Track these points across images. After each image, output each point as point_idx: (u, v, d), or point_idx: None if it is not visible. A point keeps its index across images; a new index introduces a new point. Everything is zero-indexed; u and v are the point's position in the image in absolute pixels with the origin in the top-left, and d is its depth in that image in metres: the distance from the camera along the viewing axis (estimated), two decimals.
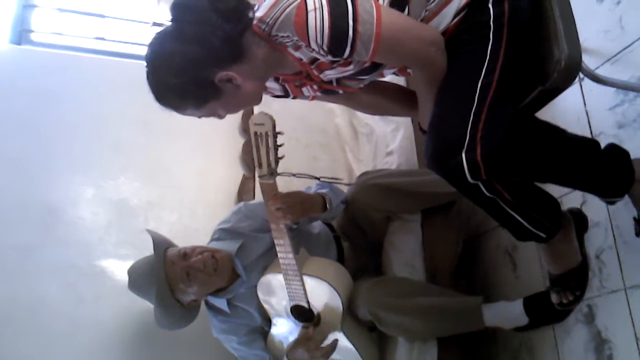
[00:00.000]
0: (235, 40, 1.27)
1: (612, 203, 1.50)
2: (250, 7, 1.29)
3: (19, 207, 2.27)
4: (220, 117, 1.40)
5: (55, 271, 2.23)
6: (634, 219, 1.49)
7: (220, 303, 1.97)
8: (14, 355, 2.08)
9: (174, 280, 1.83)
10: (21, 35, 2.63)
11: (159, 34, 1.31)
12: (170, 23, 1.29)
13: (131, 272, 1.92)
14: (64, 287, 2.22)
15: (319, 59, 1.33)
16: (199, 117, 1.38)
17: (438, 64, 1.30)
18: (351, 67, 1.36)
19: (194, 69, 1.26)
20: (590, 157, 1.37)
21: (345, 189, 2.18)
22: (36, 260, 2.22)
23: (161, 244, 1.90)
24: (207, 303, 2.01)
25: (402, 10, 1.30)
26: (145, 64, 1.31)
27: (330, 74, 1.41)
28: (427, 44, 1.27)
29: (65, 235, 2.30)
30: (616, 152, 1.43)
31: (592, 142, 1.40)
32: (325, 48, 1.22)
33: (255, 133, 1.44)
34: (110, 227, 2.38)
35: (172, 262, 1.84)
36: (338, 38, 1.20)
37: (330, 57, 1.27)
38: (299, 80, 1.48)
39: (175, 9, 1.28)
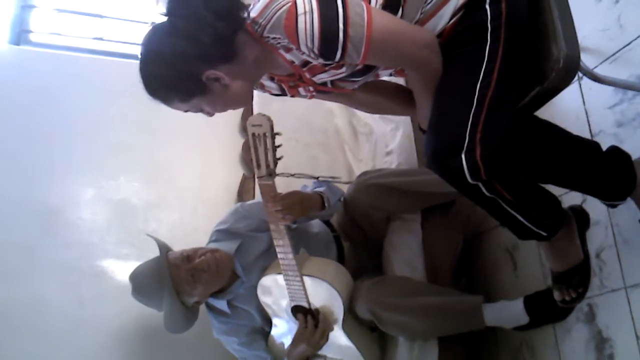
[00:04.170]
0: (227, 40, 1.27)
1: (613, 206, 1.50)
2: (244, 7, 1.29)
3: (20, 208, 2.28)
4: (209, 114, 1.40)
5: (56, 272, 2.24)
6: None
7: (221, 304, 1.97)
8: (16, 356, 2.09)
9: (180, 283, 1.83)
10: (20, 35, 2.63)
11: (154, 26, 1.31)
12: (164, 17, 1.29)
13: (134, 279, 1.90)
14: (65, 288, 2.22)
15: (311, 62, 1.32)
16: (185, 111, 1.38)
17: (432, 65, 1.29)
18: (344, 69, 1.35)
19: (182, 62, 1.26)
20: (591, 158, 1.37)
21: (344, 187, 2.18)
22: (37, 261, 2.22)
23: (163, 248, 1.90)
24: (207, 304, 2.01)
25: (395, 13, 1.29)
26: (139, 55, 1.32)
27: (323, 77, 1.40)
28: (419, 47, 1.27)
29: (65, 235, 2.30)
30: (617, 155, 1.42)
31: (592, 144, 1.40)
32: (315, 51, 1.21)
33: (253, 134, 1.44)
34: (111, 227, 2.38)
35: (176, 265, 1.84)
36: (328, 41, 1.19)
37: (321, 60, 1.26)
38: (292, 82, 1.48)
39: (170, 2, 1.28)
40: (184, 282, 1.83)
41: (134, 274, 1.91)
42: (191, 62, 1.26)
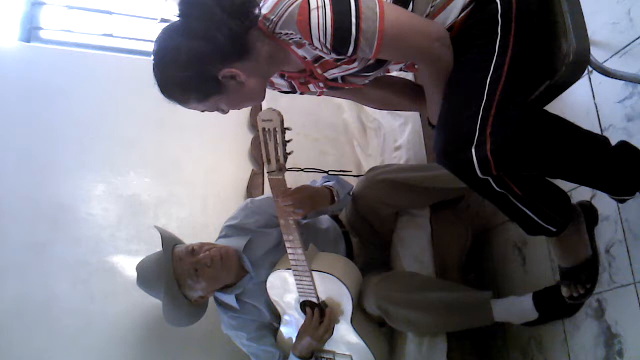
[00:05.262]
0: (240, 37, 1.28)
1: (622, 201, 1.50)
2: (256, 4, 1.29)
3: (31, 204, 2.29)
4: (224, 112, 1.42)
5: (67, 267, 2.25)
6: None
7: (229, 299, 1.98)
8: (27, 351, 2.10)
9: (182, 276, 1.85)
10: (30, 32, 2.64)
11: (166, 28, 1.32)
12: (177, 18, 1.30)
13: (139, 268, 1.94)
14: (76, 284, 2.24)
15: (323, 58, 1.33)
16: (202, 110, 1.40)
17: (443, 59, 1.29)
18: (355, 64, 1.36)
19: (198, 64, 1.27)
20: (600, 153, 1.37)
21: (353, 181, 2.18)
22: (48, 257, 2.24)
23: (169, 241, 1.91)
24: (216, 299, 2.02)
25: (406, 7, 1.30)
26: (152, 57, 1.32)
27: (334, 73, 1.41)
28: (431, 40, 1.27)
29: (76, 231, 2.32)
30: (626, 149, 1.42)
31: (601, 139, 1.39)
32: (328, 46, 1.22)
33: (264, 129, 1.44)
34: (121, 223, 2.39)
35: (180, 258, 1.86)
36: (341, 36, 1.20)
37: (334, 55, 1.27)
38: (303, 78, 1.48)
39: (182, 4, 1.29)
40: (187, 276, 1.85)
41: (140, 264, 1.96)
42: (208, 62, 1.27)
